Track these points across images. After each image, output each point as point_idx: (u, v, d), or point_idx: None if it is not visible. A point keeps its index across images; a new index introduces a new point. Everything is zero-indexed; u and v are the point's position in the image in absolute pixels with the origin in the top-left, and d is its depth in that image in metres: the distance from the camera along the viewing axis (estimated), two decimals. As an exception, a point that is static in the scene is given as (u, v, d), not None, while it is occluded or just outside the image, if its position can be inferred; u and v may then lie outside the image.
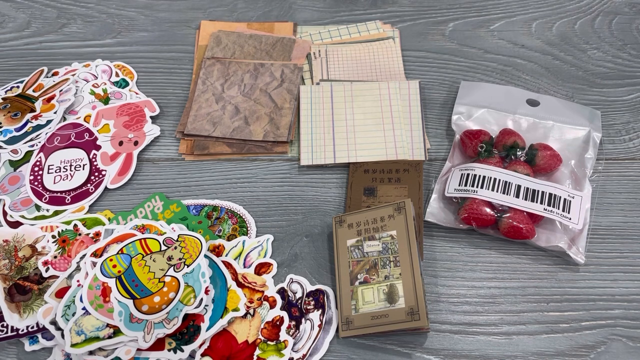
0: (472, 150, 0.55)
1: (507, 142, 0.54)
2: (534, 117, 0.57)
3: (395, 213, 0.49)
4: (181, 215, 0.54)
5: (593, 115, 0.57)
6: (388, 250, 0.48)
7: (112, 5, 0.73)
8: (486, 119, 0.58)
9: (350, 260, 0.48)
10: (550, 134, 0.56)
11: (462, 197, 0.52)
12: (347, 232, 0.50)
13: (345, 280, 0.47)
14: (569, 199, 0.51)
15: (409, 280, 0.46)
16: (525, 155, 0.54)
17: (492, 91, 0.60)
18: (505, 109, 0.58)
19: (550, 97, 0.59)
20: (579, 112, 0.58)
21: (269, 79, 0.63)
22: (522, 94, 0.60)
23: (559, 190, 0.51)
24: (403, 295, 0.45)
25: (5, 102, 0.61)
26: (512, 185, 0.51)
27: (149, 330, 0.45)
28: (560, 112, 0.58)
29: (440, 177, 0.55)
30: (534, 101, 0.59)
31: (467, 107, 0.59)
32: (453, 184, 0.52)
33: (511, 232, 0.49)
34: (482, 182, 0.51)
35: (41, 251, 0.51)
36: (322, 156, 0.57)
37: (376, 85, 0.61)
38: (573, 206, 0.50)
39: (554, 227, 0.51)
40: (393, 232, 0.48)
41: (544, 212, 0.50)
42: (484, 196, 0.50)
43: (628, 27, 0.68)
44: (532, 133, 0.56)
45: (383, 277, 0.47)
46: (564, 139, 0.56)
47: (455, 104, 0.59)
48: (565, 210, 0.50)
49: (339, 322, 0.46)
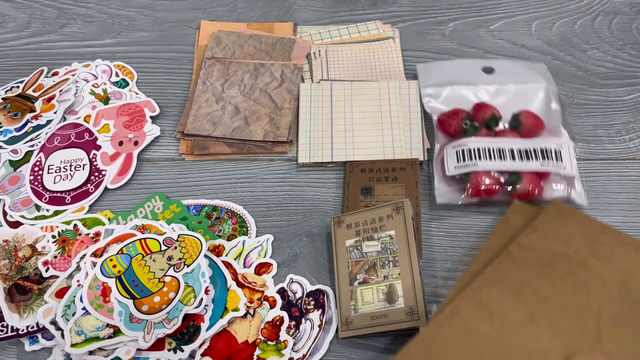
0: (455, 130, 0.56)
1: (486, 116, 0.56)
2: (495, 84, 0.60)
3: (394, 213, 0.49)
4: (181, 215, 0.54)
5: (541, 68, 0.61)
6: (387, 251, 0.48)
7: (112, 5, 0.73)
8: (454, 95, 0.59)
9: (349, 260, 0.48)
10: (515, 97, 0.59)
11: (464, 173, 0.53)
12: (346, 233, 0.50)
13: (344, 280, 0.47)
14: (558, 149, 0.53)
15: (408, 280, 0.46)
16: (510, 124, 0.56)
17: (448, 68, 0.62)
18: (467, 81, 0.60)
19: (500, 61, 0.63)
20: (530, 69, 0.61)
21: (269, 79, 0.63)
22: (475, 64, 0.62)
23: (547, 144, 0.54)
24: (402, 295, 0.45)
25: (5, 102, 0.61)
26: (505, 150, 0.53)
27: (149, 330, 0.45)
28: (516, 74, 0.61)
29: (435, 159, 0.55)
30: (489, 68, 0.62)
31: (433, 89, 0.60)
32: (451, 163, 0.53)
33: (525, 194, 0.52)
34: (479, 154, 0.53)
35: (41, 251, 0.51)
36: (320, 154, 0.57)
37: (376, 85, 0.61)
38: (564, 155, 0.53)
39: (550, 179, 0.53)
40: (392, 232, 0.48)
41: (541, 167, 0.52)
42: (485, 167, 0.52)
43: (628, 27, 0.68)
44: (500, 100, 0.58)
45: (382, 277, 0.47)
46: (528, 98, 0.59)
47: (420, 87, 0.61)
48: (558, 161, 0.53)
49: (339, 323, 0.46)
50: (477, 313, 0.42)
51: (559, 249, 0.46)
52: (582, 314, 0.43)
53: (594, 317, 0.42)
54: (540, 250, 0.46)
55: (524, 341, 0.41)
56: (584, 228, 0.48)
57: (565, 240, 0.47)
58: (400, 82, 0.62)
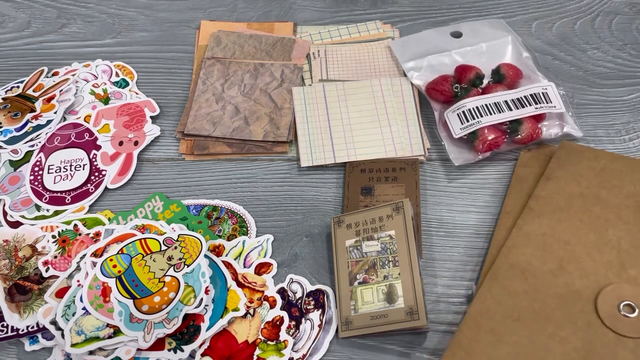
0: (447, 96, 0.59)
1: (471, 76, 0.59)
2: (467, 47, 0.64)
3: (394, 213, 0.49)
4: (181, 215, 0.54)
5: (500, 23, 0.66)
6: (387, 250, 0.48)
7: (112, 5, 0.73)
8: (435, 64, 0.63)
9: (349, 260, 0.48)
10: (488, 55, 0.63)
11: (470, 132, 0.55)
12: (346, 233, 0.50)
13: (344, 280, 0.47)
14: (545, 92, 0.57)
15: (408, 280, 0.46)
16: (494, 78, 0.60)
17: (420, 40, 0.65)
18: (441, 49, 0.64)
19: (464, 24, 0.66)
20: (492, 26, 0.65)
21: (269, 79, 0.63)
22: (443, 31, 0.65)
23: (533, 88, 0.57)
24: (402, 295, 0.45)
25: (5, 102, 0.61)
26: (501, 103, 0.56)
27: (149, 330, 0.45)
28: (483, 33, 0.65)
29: (439, 124, 0.58)
30: (457, 32, 0.65)
31: (412, 62, 0.63)
32: (456, 126, 0.56)
33: (529, 138, 0.55)
34: (479, 111, 0.56)
35: (41, 251, 0.51)
36: (322, 156, 0.57)
37: (368, 83, 0.61)
38: (551, 95, 0.57)
39: (546, 120, 0.58)
40: (392, 232, 0.48)
41: (536, 110, 0.56)
42: (488, 121, 0.55)
43: (628, 27, 0.68)
44: (476, 60, 0.62)
45: (382, 277, 0.47)
46: (500, 52, 0.63)
47: (400, 63, 0.63)
48: (548, 102, 0.56)
49: (339, 323, 0.46)
50: (512, 275, 0.46)
51: (573, 190, 0.50)
52: (604, 248, 0.46)
53: (614, 248, 0.46)
54: (557, 196, 0.50)
55: (557, 289, 0.45)
56: (592, 162, 0.51)
57: (578, 180, 0.50)
58: (392, 79, 0.62)
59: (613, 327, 0.42)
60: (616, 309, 0.43)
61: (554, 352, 0.42)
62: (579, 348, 0.42)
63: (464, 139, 0.57)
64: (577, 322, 0.43)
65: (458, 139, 0.57)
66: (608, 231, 0.47)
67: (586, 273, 0.45)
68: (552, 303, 0.44)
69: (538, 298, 0.44)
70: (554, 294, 0.44)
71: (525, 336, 0.43)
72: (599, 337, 0.42)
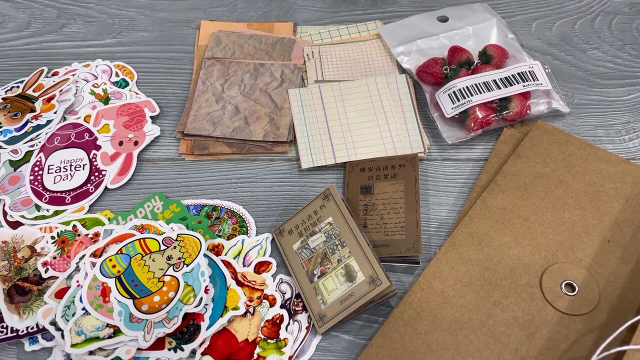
0: (437, 77, 0.60)
1: (461, 59, 0.61)
2: (454, 30, 0.65)
3: (324, 202, 0.51)
4: (181, 215, 0.54)
5: (484, 7, 0.67)
6: (331, 237, 0.49)
7: (112, 5, 0.73)
8: (424, 48, 0.64)
9: (302, 261, 0.49)
10: (475, 37, 0.65)
11: (462, 111, 0.57)
12: (290, 239, 0.51)
13: (304, 281, 0.48)
14: (531, 70, 0.59)
15: (360, 254, 0.47)
16: (482, 59, 0.61)
17: (409, 25, 0.67)
18: (429, 33, 0.66)
19: (450, 8, 0.68)
20: (475, 11, 0.67)
21: (269, 79, 0.63)
22: (430, 16, 0.67)
23: (520, 67, 0.59)
24: (359, 269, 0.47)
25: (5, 102, 0.61)
26: (490, 82, 0.58)
27: (149, 329, 0.45)
28: (468, 17, 0.67)
29: (431, 105, 0.60)
30: (443, 17, 0.67)
31: (402, 47, 0.64)
32: (448, 105, 0.57)
33: (518, 115, 0.57)
34: (469, 91, 0.57)
35: (40, 252, 0.51)
36: (322, 157, 0.57)
37: (364, 82, 0.61)
38: (537, 74, 0.59)
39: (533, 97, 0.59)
40: (329, 219, 0.50)
41: (524, 88, 0.57)
42: (478, 100, 0.57)
43: (628, 27, 0.68)
44: (463, 42, 0.64)
45: (336, 262, 0.48)
46: (486, 35, 0.65)
47: (390, 48, 0.64)
48: (534, 80, 0.58)
49: (314, 321, 0.47)
50: (469, 243, 0.49)
51: (539, 170, 0.52)
52: (558, 229, 0.49)
53: (567, 230, 0.49)
54: (523, 174, 0.52)
55: (509, 261, 0.48)
56: (562, 147, 0.54)
57: (546, 161, 0.53)
58: (388, 77, 0.62)
59: (552, 302, 0.46)
60: (559, 286, 0.46)
61: (495, 317, 0.45)
62: (519, 317, 0.45)
63: (455, 118, 0.59)
64: (522, 294, 0.46)
65: (450, 118, 0.58)
66: (565, 213, 0.50)
67: (538, 249, 0.48)
68: (501, 273, 0.47)
69: (490, 267, 0.48)
70: (505, 264, 0.48)
71: (471, 301, 0.46)
72: (539, 310, 0.45)
